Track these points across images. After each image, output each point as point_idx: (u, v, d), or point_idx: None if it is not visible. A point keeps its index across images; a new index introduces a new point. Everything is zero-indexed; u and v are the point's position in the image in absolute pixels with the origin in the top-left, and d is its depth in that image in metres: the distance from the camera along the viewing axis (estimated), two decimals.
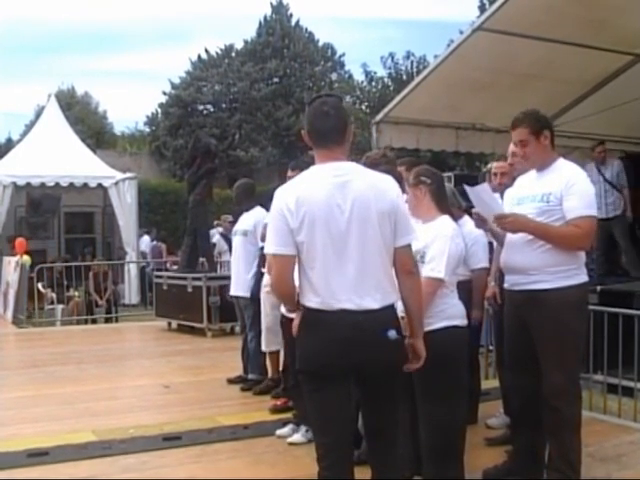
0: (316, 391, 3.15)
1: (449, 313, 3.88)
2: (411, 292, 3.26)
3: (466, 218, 5.36)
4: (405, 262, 3.22)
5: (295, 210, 3.07)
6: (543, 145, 4.11)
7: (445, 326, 3.83)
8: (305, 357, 3.18)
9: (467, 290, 4.89)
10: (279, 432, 5.31)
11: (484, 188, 4.30)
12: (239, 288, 6.92)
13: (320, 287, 3.10)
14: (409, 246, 3.25)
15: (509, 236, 4.14)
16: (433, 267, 3.82)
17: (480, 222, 4.38)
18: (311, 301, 3.13)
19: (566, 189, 3.95)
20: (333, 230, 3.08)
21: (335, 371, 3.09)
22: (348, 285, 3.09)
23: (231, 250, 7.40)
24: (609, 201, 9.45)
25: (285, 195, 3.15)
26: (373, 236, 3.11)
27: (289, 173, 6.33)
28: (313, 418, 3.27)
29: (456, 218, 4.95)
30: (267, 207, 6.77)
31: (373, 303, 3.10)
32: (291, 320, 4.11)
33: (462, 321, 3.96)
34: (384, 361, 3.12)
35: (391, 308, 3.17)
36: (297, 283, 3.24)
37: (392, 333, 3.10)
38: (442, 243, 3.88)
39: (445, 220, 4.05)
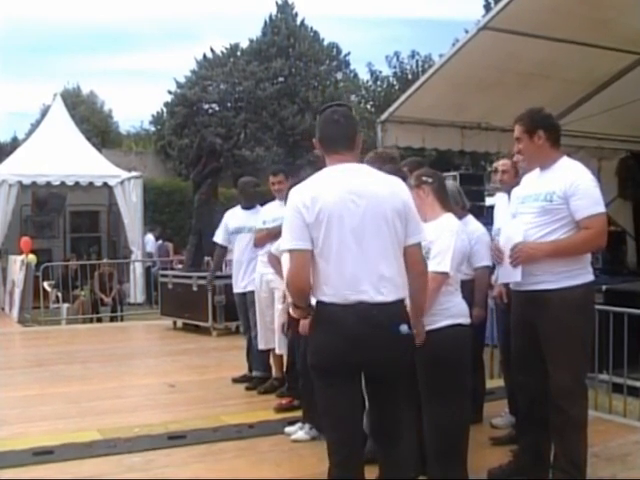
0: (328, 387, 3.19)
1: (453, 311, 3.89)
2: (420, 290, 3.35)
3: (470, 217, 5.37)
4: (416, 260, 3.31)
5: (311, 206, 3.15)
6: (537, 145, 4.09)
7: (449, 324, 3.85)
8: (317, 353, 3.22)
9: (470, 290, 4.88)
10: (287, 430, 5.33)
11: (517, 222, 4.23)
12: (249, 284, 6.89)
13: (334, 280, 3.15)
14: (419, 245, 3.33)
15: (515, 237, 4.12)
16: (439, 261, 3.83)
17: (497, 257, 4.39)
18: (325, 294, 3.18)
19: (571, 189, 3.93)
20: (348, 225, 3.15)
21: (347, 367, 3.14)
22: (362, 278, 3.14)
23: None
24: None
25: (301, 193, 3.23)
26: (387, 232, 3.19)
27: (271, 179, 6.37)
28: (324, 414, 3.29)
29: (460, 217, 4.97)
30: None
31: (387, 296, 3.15)
32: (297, 320, 4.14)
33: (466, 320, 3.97)
34: (393, 360, 3.17)
35: (401, 302, 3.24)
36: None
37: (404, 327, 3.17)
38: (448, 238, 3.91)
39: (450, 217, 4.09)
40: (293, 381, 5.84)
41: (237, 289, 7.05)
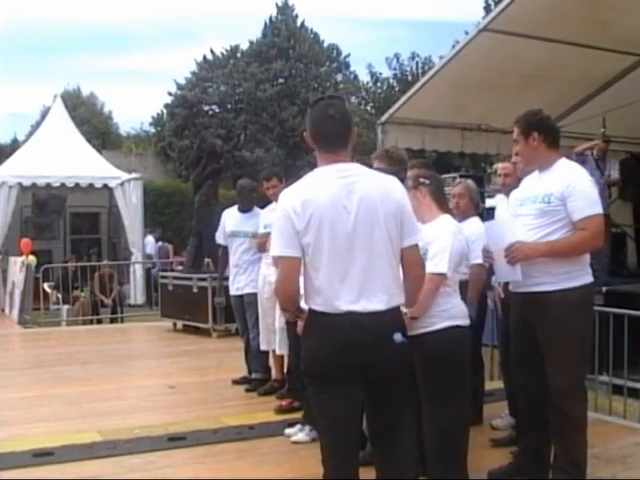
0: (321, 393, 3.14)
1: (452, 313, 3.88)
2: (415, 291, 3.28)
3: (476, 218, 5.36)
4: (413, 262, 3.21)
5: (301, 212, 3.05)
6: (532, 146, 4.10)
7: (448, 326, 3.83)
8: (310, 359, 3.17)
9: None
10: (287, 431, 5.33)
11: (508, 221, 4.27)
12: (247, 285, 6.92)
13: (325, 289, 3.07)
14: (416, 246, 3.24)
15: (509, 237, 4.12)
16: (436, 263, 3.82)
17: (488, 258, 4.40)
18: (316, 303, 3.11)
19: (568, 190, 3.93)
20: (339, 232, 3.06)
21: (340, 373, 3.07)
22: (354, 287, 3.06)
23: None
24: None
25: (291, 197, 3.12)
26: (380, 237, 3.09)
27: (265, 184, 6.37)
28: (318, 419, 3.26)
29: (471, 215, 5.02)
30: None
31: (379, 305, 3.07)
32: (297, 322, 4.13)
33: (464, 321, 3.95)
34: (389, 363, 3.10)
35: (397, 309, 3.16)
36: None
37: (398, 336, 3.08)
38: (445, 239, 3.90)
39: (447, 218, 4.08)
40: (294, 382, 5.84)
41: (233, 291, 7.06)
